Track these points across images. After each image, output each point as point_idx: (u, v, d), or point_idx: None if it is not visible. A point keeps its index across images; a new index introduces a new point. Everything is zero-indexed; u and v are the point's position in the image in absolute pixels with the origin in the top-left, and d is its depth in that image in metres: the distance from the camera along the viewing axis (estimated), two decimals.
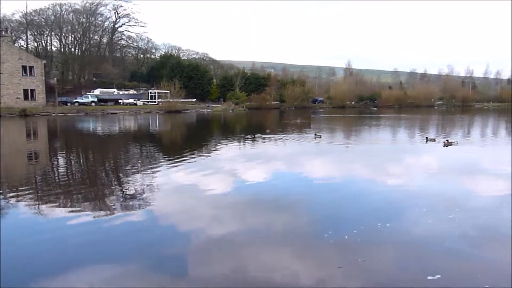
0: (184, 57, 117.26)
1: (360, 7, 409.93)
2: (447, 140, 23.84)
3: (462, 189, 13.02)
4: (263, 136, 28.84)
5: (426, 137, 25.88)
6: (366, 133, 34.11)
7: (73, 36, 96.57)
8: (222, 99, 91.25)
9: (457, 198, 11.57)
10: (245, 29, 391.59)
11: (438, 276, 6.36)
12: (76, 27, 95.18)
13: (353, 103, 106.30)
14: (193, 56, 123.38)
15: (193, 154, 20.58)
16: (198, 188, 12.73)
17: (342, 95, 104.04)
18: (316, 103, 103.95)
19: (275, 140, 27.04)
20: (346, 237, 8.09)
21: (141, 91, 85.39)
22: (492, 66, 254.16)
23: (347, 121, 53.73)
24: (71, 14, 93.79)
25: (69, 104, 70.62)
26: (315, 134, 28.47)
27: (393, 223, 9.10)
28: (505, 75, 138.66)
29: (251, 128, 40.41)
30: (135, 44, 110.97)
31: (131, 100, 79.81)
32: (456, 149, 23.07)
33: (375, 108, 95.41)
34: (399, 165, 17.70)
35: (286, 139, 27.78)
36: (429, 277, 6.31)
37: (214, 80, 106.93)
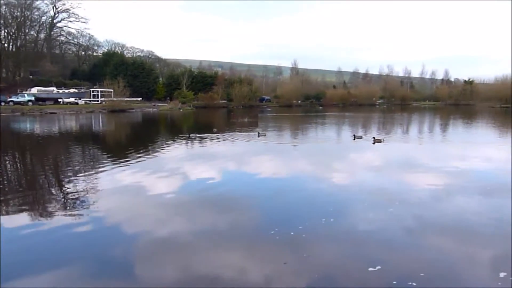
0: (129, 55, 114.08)
1: (305, 7, 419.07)
2: (374, 138, 24.74)
3: (401, 184, 13.72)
4: (199, 136, 28.73)
5: (354, 135, 26.69)
6: (312, 131, 34.99)
7: (6, 31, 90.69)
8: (168, 98, 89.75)
9: (396, 192, 12.19)
10: (192, 28, 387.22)
11: (379, 267, 6.69)
12: (10, 21, 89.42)
13: (299, 102, 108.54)
14: (138, 54, 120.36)
15: (139, 154, 20.09)
16: (144, 189, 12.47)
17: (289, 94, 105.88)
18: (264, 102, 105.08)
19: (223, 139, 27.05)
20: (292, 233, 8.28)
21: (82, 90, 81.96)
22: (427, 66, 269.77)
23: (294, 119, 54.79)
24: (4, 7, 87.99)
25: (3, 104, 66.20)
26: (259, 133, 28.98)
27: (337, 218, 9.43)
28: (439, 75, 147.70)
29: (198, 127, 40.10)
30: (75, 40, 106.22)
31: (72, 99, 76.39)
32: (395, 146, 24.30)
33: (320, 107, 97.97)
34: (343, 162, 18.35)
35: (234, 138, 27.90)
36: (370, 269, 6.63)
37: (161, 79, 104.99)
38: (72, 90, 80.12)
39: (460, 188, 13.00)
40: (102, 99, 78.24)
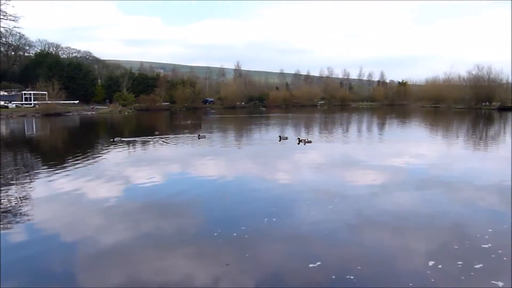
0: (64, 56, 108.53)
1: (247, 9, 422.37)
2: (298, 138, 25.32)
3: (341, 181, 14.26)
4: (125, 140, 28.14)
5: (279, 136, 27.06)
6: (256, 132, 35.36)
7: None
8: (108, 100, 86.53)
9: (337, 189, 12.65)
10: (131, 29, 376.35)
11: (319, 263, 6.93)
12: None
13: (243, 103, 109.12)
14: (74, 54, 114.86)
15: (77, 160, 19.21)
16: (83, 196, 11.95)
17: (233, 95, 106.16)
18: (207, 103, 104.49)
19: (165, 142, 26.60)
20: (235, 234, 8.34)
21: (13, 93, 76.89)
22: (364, 69, 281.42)
23: (238, 121, 55.00)
24: None
25: None
26: (199, 135, 28.90)
27: (279, 217, 9.62)
28: (376, 77, 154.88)
29: (139, 130, 39.11)
30: (4, 40, 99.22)
31: (1, 103, 71.43)
32: (335, 146, 25.22)
33: (264, 108, 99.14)
34: (286, 162, 18.71)
35: (177, 140, 27.55)
36: (310, 265, 6.84)
37: (99, 81, 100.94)
38: (1, 93, 74.94)
39: (396, 184, 13.77)
40: (36, 102, 73.85)
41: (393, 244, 8.06)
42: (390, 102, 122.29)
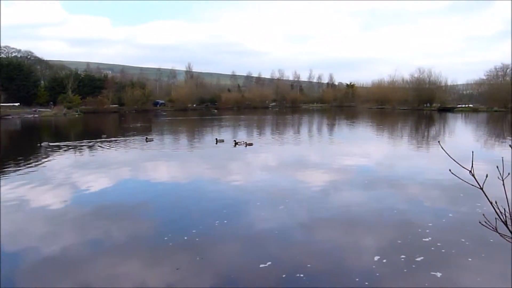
0: (3, 55, 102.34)
1: (199, 10, 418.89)
2: (234, 141, 25.25)
3: (292, 182, 14.45)
4: (53, 145, 27.17)
5: (216, 138, 26.92)
6: (208, 135, 35.09)
7: None
8: (52, 103, 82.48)
9: (287, 190, 12.82)
10: (78, 28, 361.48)
11: (269, 263, 6.97)
12: None
13: (194, 105, 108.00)
14: (14, 54, 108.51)
15: (20, 166, 18.16)
16: (27, 203, 11.31)
17: (184, 97, 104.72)
18: (158, 106, 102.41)
19: (114, 145, 25.79)
20: (185, 238, 8.22)
21: None
22: (314, 71, 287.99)
23: (189, 123, 54.34)
24: None
25: None
26: (147, 138, 28.35)
27: (230, 219, 9.60)
28: (325, 79, 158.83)
29: (86, 133, 37.63)
30: None
31: None
32: (289, 147, 25.55)
33: (216, 110, 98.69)
34: (238, 164, 18.73)
35: (125, 143, 26.81)
36: (261, 265, 6.87)
37: (42, 82, 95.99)
38: None
39: (346, 183, 14.18)
40: None
41: (342, 241, 8.28)
42: (339, 104, 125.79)
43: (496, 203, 2.10)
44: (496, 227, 2.13)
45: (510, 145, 2.12)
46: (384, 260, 7.06)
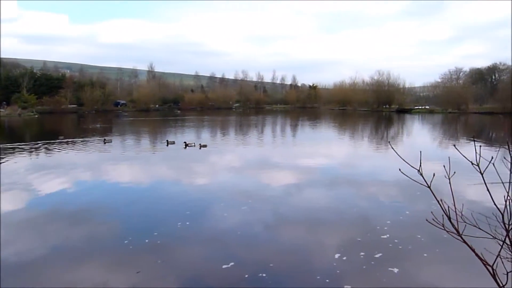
0: None
1: (161, 9, 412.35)
2: (184, 142, 24.86)
3: (256, 182, 14.52)
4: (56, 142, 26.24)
5: (167, 140, 26.58)
6: (171, 136, 34.61)
7: None
8: (5, 102, 78.77)
9: (251, 190, 12.87)
10: (34, 24, 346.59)
11: (232, 263, 6.97)
12: None
13: (157, 106, 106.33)
14: None
15: None
16: None
17: (146, 98, 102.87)
18: (119, 106, 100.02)
19: (72, 147, 24.98)
20: (147, 241, 8.08)
21: None
22: (278, 72, 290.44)
23: (151, 124, 53.41)
24: None
25: None
26: (105, 139, 27.70)
27: (193, 221, 9.52)
28: (288, 81, 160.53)
29: (43, 134, 36.18)
30: None
31: None
32: (252, 148, 25.63)
33: (179, 111, 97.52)
34: (202, 166, 18.58)
35: (84, 145, 26.02)
36: (224, 266, 6.86)
37: None
38: None
39: (308, 183, 14.40)
40: None
41: (304, 240, 8.39)
42: (302, 105, 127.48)
43: (442, 200, 2.21)
44: (444, 223, 2.23)
45: (453, 145, 2.24)
46: (345, 258, 7.22)
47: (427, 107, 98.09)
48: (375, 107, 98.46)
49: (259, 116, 74.69)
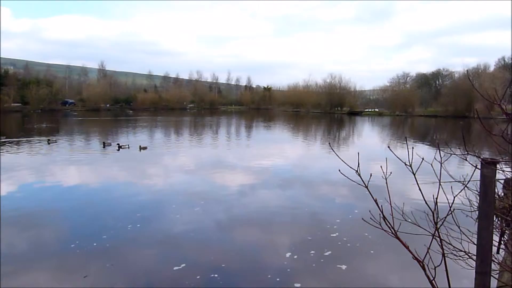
0: None
1: (112, 7, 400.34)
2: (118, 144, 24.39)
3: (210, 183, 14.47)
4: None
5: (103, 142, 25.76)
6: (123, 136, 33.72)
7: None
8: None
9: (204, 191, 12.81)
10: None
11: (183, 265, 6.93)
12: None
13: (108, 105, 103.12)
14: None
15: None
16: None
17: (97, 97, 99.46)
18: (67, 105, 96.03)
19: (15, 148, 23.73)
20: (95, 244, 7.84)
21: None
22: (233, 73, 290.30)
23: (102, 124, 51.72)
24: None
25: None
26: (48, 140, 26.59)
27: (144, 223, 9.35)
28: (243, 82, 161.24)
29: None
30: None
31: None
32: (207, 149, 25.49)
33: (131, 111, 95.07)
34: (155, 167, 18.27)
35: (29, 146, 24.81)
36: (175, 268, 6.79)
37: None
38: None
39: (262, 183, 14.54)
40: None
41: (257, 240, 8.49)
42: (257, 106, 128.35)
43: (375, 200, 2.34)
44: (380, 222, 2.37)
45: (388, 146, 2.39)
46: (295, 256, 7.38)
47: (376, 109, 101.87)
48: (328, 109, 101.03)
49: (214, 117, 74.41)
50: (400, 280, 6.58)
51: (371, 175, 2.38)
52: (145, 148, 23.79)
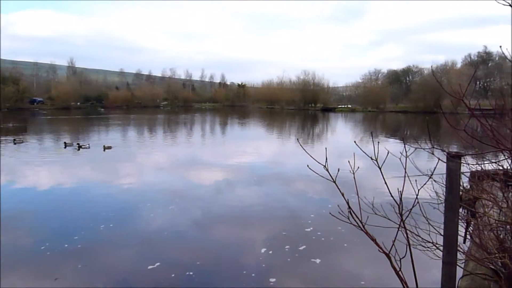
0: None
1: (81, 2, 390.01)
2: (78, 144, 23.92)
3: (185, 182, 14.39)
4: None
5: (65, 142, 24.96)
6: (94, 135, 33.05)
7: None
8: None
9: (180, 190, 12.73)
10: None
11: (158, 263, 6.87)
12: None
13: (78, 104, 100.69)
14: None
15: None
16: None
17: (66, 95, 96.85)
18: (35, 104, 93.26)
19: None
20: (66, 245, 7.66)
21: None
22: (206, 70, 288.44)
23: (72, 123, 50.50)
24: None
25: None
26: (14, 140, 25.83)
27: (117, 223, 9.22)
28: (217, 79, 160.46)
29: None
30: None
31: None
32: (182, 147, 25.28)
33: (102, 109, 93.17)
34: (128, 166, 18.00)
35: None
36: (149, 267, 6.74)
37: None
38: None
39: (237, 180, 14.57)
40: None
41: (232, 237, 8.51)
42: (231, 103, 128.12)
43: (343, 194, 2.41)
44: (348, 216, 2.43)
45: (354, 141, 2.46)
46: (270, 252, 7.44)
47: (349, 106, 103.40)
48: (302, 106, 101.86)
49: (188, 114, 73.82)
50: (372, 272, 6.73)
51: (338, 170, 2.44)
52: (109, 147, 23.06)
